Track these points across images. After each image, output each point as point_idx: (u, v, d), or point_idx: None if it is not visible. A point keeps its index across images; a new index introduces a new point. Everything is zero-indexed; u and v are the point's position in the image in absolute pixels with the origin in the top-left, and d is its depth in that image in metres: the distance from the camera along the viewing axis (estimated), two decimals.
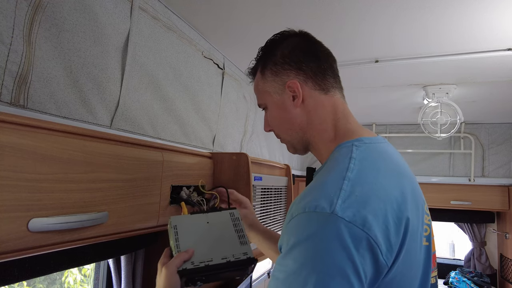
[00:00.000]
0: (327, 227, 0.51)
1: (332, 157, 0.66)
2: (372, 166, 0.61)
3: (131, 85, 0.99)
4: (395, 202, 0.57)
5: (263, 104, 0.79)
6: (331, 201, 0.52)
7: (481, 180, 2.76)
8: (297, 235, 0.53)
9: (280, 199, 1.52)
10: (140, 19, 1.00)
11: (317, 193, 0.56)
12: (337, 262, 0.49)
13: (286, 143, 0.79)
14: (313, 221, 0.52)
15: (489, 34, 1.25)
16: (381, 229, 0.52)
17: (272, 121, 0.78)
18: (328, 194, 0.54)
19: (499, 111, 2.46)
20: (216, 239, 0.79)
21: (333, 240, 0.50)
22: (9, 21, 0.66)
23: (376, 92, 2.09)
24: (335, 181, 0.56)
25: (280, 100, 0.74)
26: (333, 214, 0.51)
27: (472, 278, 2.69)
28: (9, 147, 0.52)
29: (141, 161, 0.81)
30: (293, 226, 0.54)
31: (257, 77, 0.79)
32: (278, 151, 2.41)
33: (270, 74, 0.75)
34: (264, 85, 0.77)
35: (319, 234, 0.51)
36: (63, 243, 0.63)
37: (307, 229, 0.52)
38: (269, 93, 0.76)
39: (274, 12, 1.15)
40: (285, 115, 0.74)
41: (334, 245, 0.50)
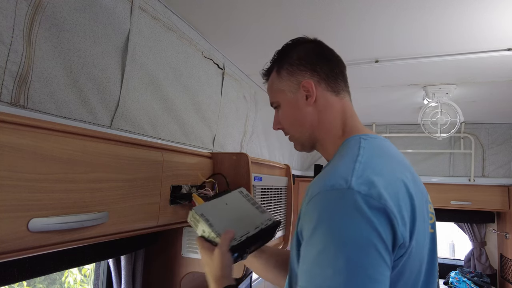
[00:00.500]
0: (346, 201, 0.53)
1: (341, 149, 0.71)
2: (380, 155, 0.66)
3: (131, 85, 0.99)
4: (403, 184, 0.60)
5: (276, 102, 0.83)
6: (346, 179, 0.55)
7: (481, 180, 2.76)
8: (318, 215, 0.55)
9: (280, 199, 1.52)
10: (140, 19, 1.00)
11: (331, 175, 0.59)
12: (362, 232, 0.51)
13: (295, 140, 0.83)
14: (332, 198, 0.55)
15: (489, 34, 1.25)
16: (394, 204, 0.55)
17: (284, 118, 0.82)
18: (342, 174, 0.57)
19: (499, 111, 2.46)
20: (240, 215, 0.86)
21: (354, 212, 0.52)
22: (9, 21, 0.66)
23: (376, 92, 2.09)
24: (347, 164, 0.60)
25: (294, 98, 0.79)
26: (350, 188, 0.54)
27: (472, 278, 2.69)
28: (9, 147, 0.52)
29: (141, 161, 0.81)
30: (312, 207, 0.56)
31: (272, 76, 0.83)
32: (278, 151, 2.41)
33: (286, 74, 0.79)
34: (279, 84, 0.81)
35: (340, 209, 0.53)
36: (63, 243, 0.63)
37: (327, 207, 0.54)
38: (284, 92, 0.80)
39: (274, 12, 1.15)
40: (298, 113, 0.78)
41: (356, 217, 0.52)
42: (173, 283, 1.25)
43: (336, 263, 0.50)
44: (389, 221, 0.53)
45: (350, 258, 0.50)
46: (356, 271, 0.50)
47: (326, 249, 0.52)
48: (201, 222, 0.79)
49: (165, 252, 1.26)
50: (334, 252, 0.51)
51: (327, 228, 0.53)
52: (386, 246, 0.52)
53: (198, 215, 0.80)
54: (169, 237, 1.26)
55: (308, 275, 0.54)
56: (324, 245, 0.52)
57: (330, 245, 0.52)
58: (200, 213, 0.80)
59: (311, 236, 0.55)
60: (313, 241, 0.54)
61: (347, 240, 0.51)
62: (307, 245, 0.56)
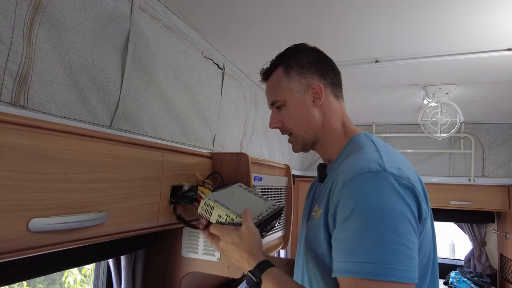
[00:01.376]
0: (382, 181, 0.61)
1: (351, 145, 0.79)
2: (390, 148, 0.74)
3: (131, 85, 0.99)
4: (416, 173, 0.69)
5: (281, 101, 0.85)
6: (379, 163, 0.63)
7: (481, 180, 2.76)
8: (357, 195, 0.61)
9: (280, 199, 1.51)
10: (140, 19, 1.00)
11: (362, 160, 0.65)
12: (397, 207, 0.59)
13: (297, 139, 0.86)
14: (369, 179, 0.62)
15: (489, 34, 1.25)
16: (418, 186, 0.64)
17: (289, 117, 0.85)
18: (373, 159, 0.65)
19: (499, 111, 2.46)
20: (248, 202, 0.90)
21: (389, 190, 0.60)
22: (9, 21, 0.66)
23: (376, 92, 2.09)
24: (371, 152, 0.68)
25: (301, 99, 0.83)
26: (384, 170, 0.62)
27: (472, 278, 2.69)
28: (9, 147, 0.52)
29: (141, 161, 0.81)
30: (351, 188, 0.62)
31: (278, 75, 0.85)
32: (278, 151, 2.41)
33: (295, 74, 0.83)
34: (288, 83, 0.83)
35: (377, 188, 0.61)
36: (63, 243, 0.63)
37: (366, 186, 0.61)
38: (292, 91, 0.83)
39: (274, 12, 1.15)
40: (305, 113, 0.83)
41: (391, 194, 0.60)
42: (173, 283, 1.25)
43: (377, 234, 0.57)
44: (416, 198, 0.62)
45: (389, 228, 0.57)
46: (395, 240, 0.57)
47: (367, 223, 0.58)
48: (217, 208, 0.82)
49: (165, 252, 1.26)
50: (375, 225, 0.58)
51: (368, 204, 0.60)
52: (415, 218, 0.61)
53: (212, 201, 0.83)
54: (169, 237, 1.26)
55: (350, 248, 0.59)
56: (366, 220, 0.59)
57: (371, 219, 0.58)
58: (214, 199, 0.84)
59: (352, 213, 0.60)
60: (354, 217, 0.60)
61: (386, 213, 0.59)
62: (347, 221, 0.61)
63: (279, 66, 0.85)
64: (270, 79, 0.88)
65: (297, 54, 0.84)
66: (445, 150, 2.88)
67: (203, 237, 1.19)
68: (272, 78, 0.87)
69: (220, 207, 0.82)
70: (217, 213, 0.82)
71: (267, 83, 0.89)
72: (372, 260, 0.56)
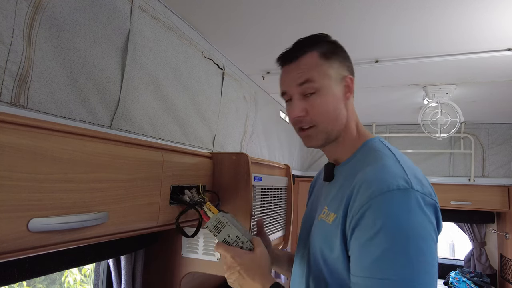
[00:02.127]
0: (410, 199, 0.61)
1: (366, 149, 0.77)
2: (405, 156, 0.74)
3: (131, 85, 0.99)
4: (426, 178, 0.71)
5: (316, 87, 0.75)
6: (405, 179, 0.63)
7: (481, 180, 2.76)
8: (386, 213, 0.61)
9: (280, 199, 1.51)
10: (140, 19, 1.00)
11: (388, 175, 0.64)
12: (423, 226, 0.61)
13: (319, 134, 0.78)
14: (398, 198, 0.61)
15: (489, 34, 1.25)
16: (437, 199, 0.66)
17: (320, 107, 0.76)
18: (399, 174, 0.64)
19: (499, 111, 2.46)
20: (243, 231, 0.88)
21: (417, 209, 0.61)
22: (9, 21, 0.66)
23: (376, 92, 2.09)
24: (394, 164, 0.67)
25: (336, 89, 0.78)
26: (412, 188, 0.62)
27: (472, 278, 2.69)
28: (9, 147, 0.52)
29: (141, 161, 0.81)
30: (378, 206, 0.61)
31: (312, 58, 0.77)
32: (278, 151, 2.41)
33: (336, 62, 0.78)
34: (328, 69, 0.77)
35: (406, 208, 0.61)
36: (63, 243, 0.63)
37: (394, 206, 0.61)
38: (330, 79, 0.76)
39: (274, 12, 1.15)
40: (337, 105, 0.77)
41: (418, 213, 0.61)
42: (173, 283, 1.25)
43: (405, 253, 0.58)
44: (436, 214, 0.64)
45: (417, 248, 0.58)
46: (421, 259, 0.58)
47: (396, 242, 0.59)
48: (228, 227, 0.81)
49: (165, 252, 1.26)
50: (404, 244, 0.59)
51: (397, 223, 0.60)
52: (436, 235, 0.63)
53: (225, 221, 0.81)
54: (169, 237, 1.26)
55: (378, 266, 0.59)
56: (395, 239, 0.59)
57: (400, 238, 0.59)
58: (226, 221, 0.82)
59: (380, 231, 0.60)
60: (382, 235, 0.60)
61: (413, 233, 0.59)
62: (374, 239, 0.60)
63: (312, 51, 0.77)
64: (300, 60, 0.77)
65: (331, 43, 0.80)
66: (445, 150, 2.88)
67: (203, 237, 1.19)
68: (304, 60, 0.77)
69: (233, 227, 0.81)
70: (227, 233, 0.81)
71: (295, 64, 0.78)
72: (400, 279, 0.57)
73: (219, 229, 0.82)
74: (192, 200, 0.94)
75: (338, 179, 0.79)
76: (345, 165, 0.79)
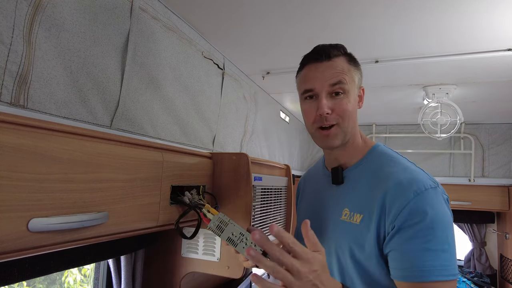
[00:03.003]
0: (440, 196, 0.75)
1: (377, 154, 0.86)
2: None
3: (131, 85, 0.99)
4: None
5: (346, 90, 0.82)
6: (432, 180, 0.77)
7: (481, 180, 2.76)
8: (429, 207, 0.72)
9: (280, 199, 1.51)
10: (140, 19, 1.00)
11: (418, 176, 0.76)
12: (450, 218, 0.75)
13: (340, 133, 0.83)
14: (434, 194, 0.74)
15: (489, 34, 1.25)
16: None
17: (346, 108, 0.82)
18: (424, 175, 0.77)
19: (499, 111, 2.46)
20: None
21: (444, 204, 0.75)
22: (9, 21, 0.66)
23: (376, 92, 2.09)
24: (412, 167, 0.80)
25: (356, 95, 0.86)
26: (438, 187, 0.76)
27: (472, 279, 2.69)
28: (9, 147, 0.52)
29: (141, 161, 0.81)
30: (422, 201, 0.73)
31: (344, 62, 0.84)
32: (278, 151, 2.41)
33: (359, 71, 0.87)
34: (354, 75, 0.85)
35: (440, 202, 0.74)
36: (63, 243, 0.63)
37: (433, 201, 0.73)
38: (355, 84, 0.85)
39: (274, 12, 1.15)
40: (355, 109, 0.85)
41: (446, 207, 0.75)
42: (173, 283, 1.25)
43: (445, 241, 0.71)
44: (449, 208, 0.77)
45: (450, 235, 0.72)
46: (453, 245, 0.72)
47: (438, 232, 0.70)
48: (230, 226, 0.83)
49: (165, 252, 1.26)
50: (443, 233, 0.71)
51: (437, 215, 0.72)
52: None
53: (227, 220, 0.83)
54: (169, 237, 1.26)
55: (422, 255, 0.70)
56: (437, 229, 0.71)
57: (440, 228, 0.71)
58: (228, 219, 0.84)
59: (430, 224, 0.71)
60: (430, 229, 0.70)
61: (447, 224, 0.73)
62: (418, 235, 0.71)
63: (341, 55, 0.84)
64: (335, 60, 0.82)
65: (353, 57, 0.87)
66: (445, 150, 2.88)
67: (203, 237, 1.19)
68: (338, 60, 0.83)
69: (235, 225, 0.82)
70: (230, 231, 0.82)
71: (329, 63, 0.82)
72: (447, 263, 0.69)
73: (221, 228, 0.83)
74: (192, 202, 0.94)
75: (351, 182, 0.85)
76: (355, 169, 0.85)
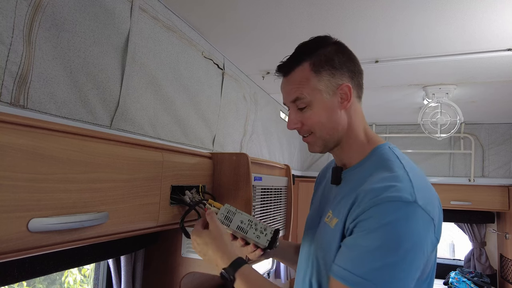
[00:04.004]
0: (411, 213, 0.63)
1: (377, 157, 0.77)
2: (414, 165, 0.75)
3: (131, 85, 0.99)
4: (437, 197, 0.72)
5: (307, 102, 0.78)
6: (410, 192, 0.64)
7: (481, 180, 2.76)
8: (384, 218, 0.63)
9: (280, 199, 1.51)
10: (140, 19, 1.00)
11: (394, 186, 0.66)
12: (416, 241, 0.62)
13: (318, 141, 0.81)
14: (399, 208, 0.63)
15: (489, 34, 1.25)
16: (436, 215, 0.67)
17: (314, 119, 0.79)
18: (405, 187, 0.65)
19: (499, 111, 2.46)
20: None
21: (415, 223, 0.62)
22: (9, 21, 0.66)
23: (376, 92, 2.09)
24: (402, 175, 0.68)
25: (329, 100, 0.78)
26: (415, 202, 0.63)
27: (472, 279, 2.69)
28: (9, 147, 0.52)
29: (141, 161, 0.81)
30: (379, 211, 0.64)
31: (304, 72, 0.78)
32: (278, 151, 2.41)
33: (326, 75, 0.77)
34: (317, 83, 0.77)
35: (404, 218, 0.62)
36: (63, 243, 0.63)
37: (394, 213, 0.62)
38: (320, 92, 0.78)
39: (274, 12, 1.15)
40: (332, 116, 0.79)
41: (415, 227, 0.62)
42: (173, 283, 1.25)
43: (386, 260, 0.60)
44: (433, 231, 0.65)
45: (399, 259, 0.60)
46: (403, 268, 0.61)
47: (381, 247, 0.61)
48: (238, 215, 0.86)
49: (165, 252, 1.26)
50: (388, 251, 0.61)
51: (389, 231, 0.62)
52: (426, 254, 0.64)
53: (234, 210, 0.86)
54: (169, 237, 1.26)
55: (355, 262, 0.63)
56: (381, 243, 0.61)
57: (389, 243, 0.61)
58: (235, 208, 0.87)
59: (373, 231, 0.63)
60: (373, 236, 0.62)
61: (402, 244, 0.61)
62: (363, 237, 0.63)
63: (305, 62, 0.78)
64: (292, 75, 0.79)
65: (326, 51, 0.78)
66: (445, 150, 2.88)
67: None
68: (296, 73, 0.79)
69: (243, 213, 0.85)
70: (239, 219, 0.85)
71: (288, 79, 0.81)
72: (374, 280, 0.60)
73: (230, 218, 0.85)
74: (193, 201, 0.94)
75: (345, 184, 0.81)
76: (353, 170, 0.80)
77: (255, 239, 0.84)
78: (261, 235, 0.85)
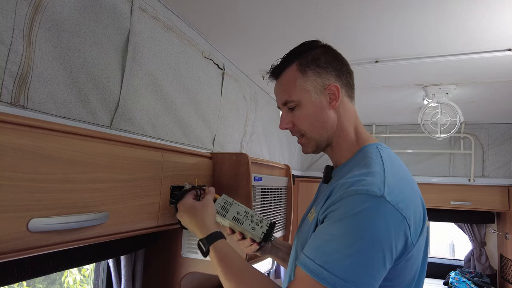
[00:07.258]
0: (377, 206, 0.62)
1: (362, 155, 0.77)
2: (397, 165, 0.74)
3: (131, 85, 0.99)
4: (419, 197, 0.72)
5: (296, 102, 0.80)
6: (380, 187, 0.63)
7: (481, 181, 2.76)
8: (350, 209, 0.63)
9: (280, 199, 1.51)
10: (140, 19, 1.00)
11: (364, 181, 0.66)
12: (379, 235, 0.61)
13: (310, 142, 0.83)
14: (365, 200, 0.62)
15: (489, 34, 1.25)
16: (411, 215, 0.65)
17: (303, 119, 0.81)
18: (376, 182, 0.65)
19: (499, 111, 2.46)
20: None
21: (380, 217, 0.61)
22: (9, 21, 0.66)
23: (376, 92, 2.09)
24: (378, 172, 0.68)
25: (318, 100, 0.80)
26: (382, 197, 0.62)
27: (472, 279, 2.69)
28: (9, 147, 0.52)
29: (141, 161, 0.81)
30: (346, 203, 0.64)
31: (292, 73, 0.81)
32: (278, 151, 2.41)
33: (312, 74, 0.79)
34: (304, 83, 0.79)
35: (369, 211, 0.62)
36: (63, 243, 0.63)
37: (360, 205, 0.62)
38: (308, 92, 0.79)
39: (274, 12, 1.15)
40: (321, 115, 0.80)
41: (380, 221, 0.61)
42: (173, 283, 1.25)
43: (347, 250, 0.60)
44: (404, 231, 0.63)
45: (360, 251, 0.60)
46: (362, 263, 0.60)
47: (344, 236, 0.61)
48: (235, 205, 0.86)
49: (165, 252, 1.26)
50: (350, 241, 0.60)
51: (354, 221, 0.62)
52: (391, 253, 0.62)
53: (231, 200, 0.87)
54: (169, 237, 1.26)
55: (317, 250, 0.63)
56: (345, 233, 0.61)
57: (350, 235, 0.61)
58: (232, 199, 0.88)
59: (337, 222, 0.63)
60: (336, 226, 0.63)
61: (365, 236, 0.60)
62: (328, 226, 0.64)
63: (293, 64, 0.81)
64: (282, 77, 0.83)
65: (313, 52, 0.80)
66: (445, 150, 2.88)
67: None
68: (285, 76, 0.82)
69: (239, 204, 0.86)
70: (236, 210, 0.86)
71: (278, 81, 0.84)
72: (333, 271, 0.59)
73: (226, 209, 0.87)
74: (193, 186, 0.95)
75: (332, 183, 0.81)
76: (341, 169, 0.80)
77: (250, 230, 0.85)
78: (257, 227, 0.85)
